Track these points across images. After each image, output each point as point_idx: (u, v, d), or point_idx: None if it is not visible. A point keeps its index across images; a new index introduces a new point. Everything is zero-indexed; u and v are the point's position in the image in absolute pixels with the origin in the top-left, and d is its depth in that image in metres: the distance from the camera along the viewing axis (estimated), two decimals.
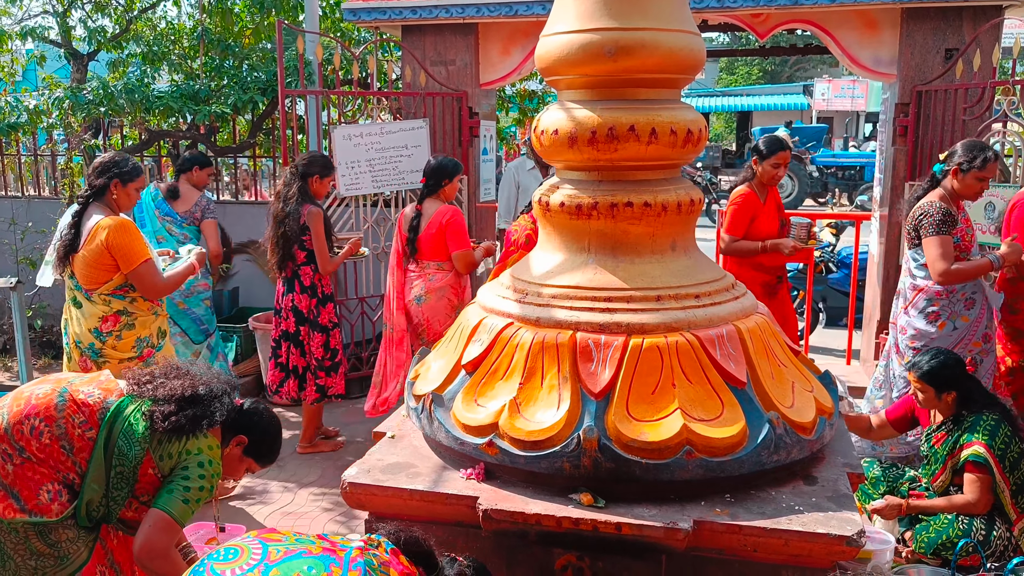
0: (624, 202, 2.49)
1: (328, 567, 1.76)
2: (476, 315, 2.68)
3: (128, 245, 3.65)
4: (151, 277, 3.74)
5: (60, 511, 2.38)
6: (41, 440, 2.37)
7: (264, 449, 2.70)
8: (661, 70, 2.49)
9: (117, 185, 3.74)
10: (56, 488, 2.39)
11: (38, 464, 2.38)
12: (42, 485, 2.38)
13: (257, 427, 2.66)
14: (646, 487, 2.24)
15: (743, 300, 2.61)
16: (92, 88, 6.09)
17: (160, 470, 2.42)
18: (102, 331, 3.73)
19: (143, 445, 2.39)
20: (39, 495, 2.37)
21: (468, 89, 6.43)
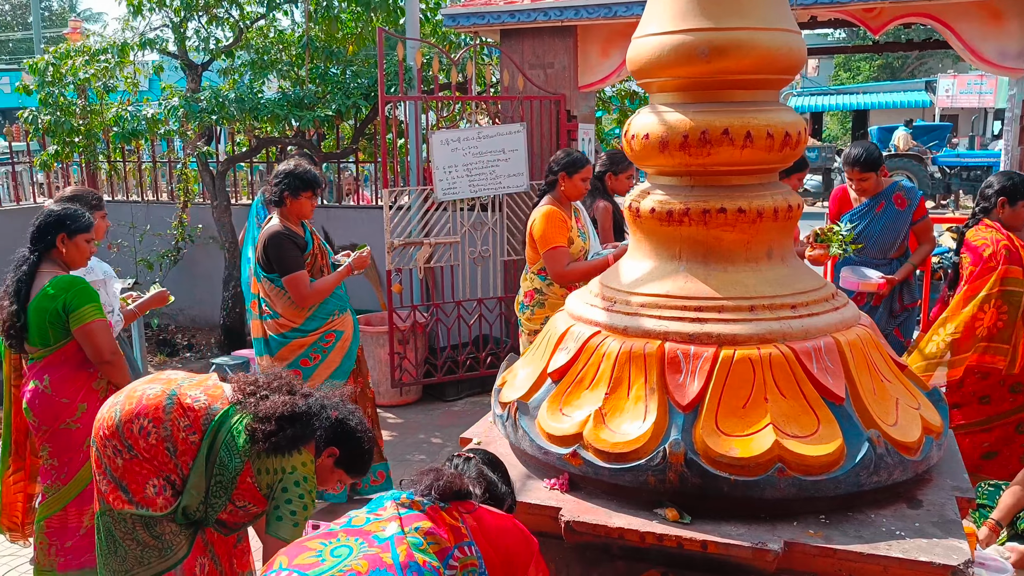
0: (717, 208, 2.41)
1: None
2: (564, 323, 2.65)
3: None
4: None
5: (165, 506, 2.49)
6: (148, 440, 2.48)
7: (355, 462, 2.70)
8: (757, 71, 2.40)
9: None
10: (161, 483, 2.50)
11: (145, 461, 2.49)
12: (148, 480, 2.50)
13: (349, 440, 2.65)
14: (735, 504, 2.16)
15: (844, 311, 2.48)
16: (205, 97, 6.36)
17: (257, 483, 2.49)
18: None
19: (243, 458, 2.46)
20: (145, 489, 2.49)
21: (566, 92, 6.40)
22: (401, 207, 6.00)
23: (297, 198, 4.10)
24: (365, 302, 7.11)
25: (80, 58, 6.92)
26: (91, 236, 3.46)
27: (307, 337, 4.18)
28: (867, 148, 4.51)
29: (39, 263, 3.33)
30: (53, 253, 3.35)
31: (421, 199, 6.01)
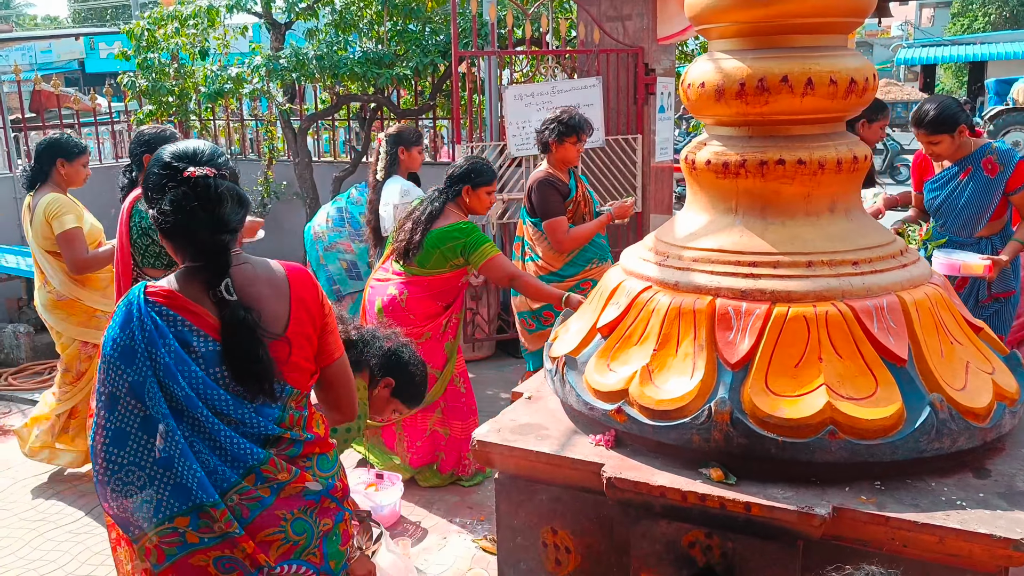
0: (775, 159, 2.30)
1: None
2: (616, 278, 2.59)
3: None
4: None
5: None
6: None
7: (411, 392, 2.82)
8: (821, 14, 2.26)
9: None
10: None
11: None
12: None
13: (404, 370, 2.78)
14: (783, 466, 2.08)
15: (912, 268, 2.34)
16: (286, 55, 6.46)
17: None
18: None
19: None
20: None
21: (644, 45, 6.22)
22: None
23: (562, 143, 4.34)
24: None
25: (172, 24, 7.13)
26: (493, 188, 4.17)
27: (564, 282, 4.38)
28: (939, 104, 3.91)
29: (446, 204, 4.03)
30: (458, 200, 4.05)
31: (496, 154, 5.99)
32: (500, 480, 2.47)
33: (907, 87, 23.71)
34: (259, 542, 1.84)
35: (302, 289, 1.99)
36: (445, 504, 4.12)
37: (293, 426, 1.95)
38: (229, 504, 1.80)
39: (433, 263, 3.97)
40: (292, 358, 1.93)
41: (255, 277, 1.94)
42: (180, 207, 1.81)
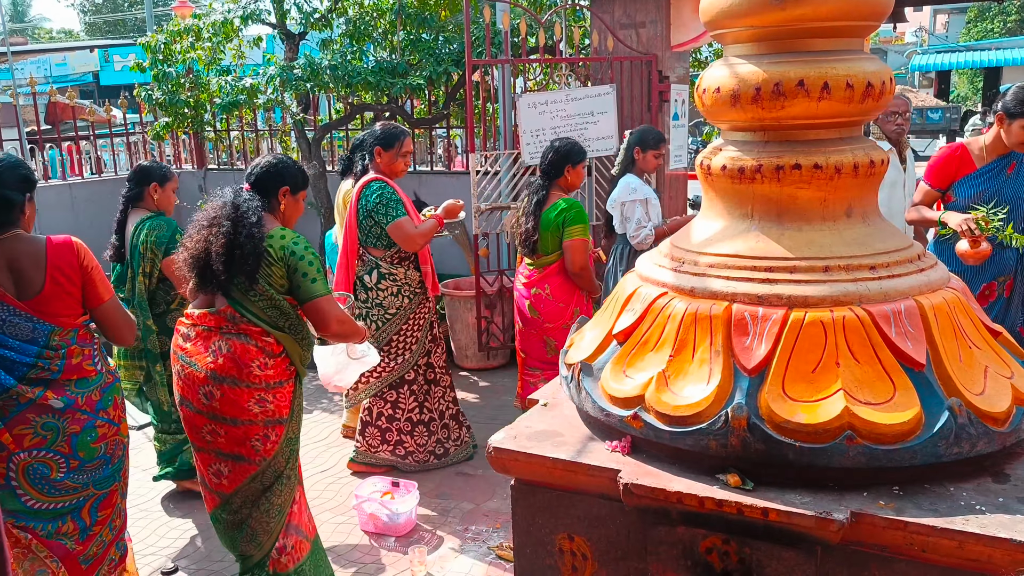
0: (791, 164, 2.30)
1: None
2: (632, 284, 2.60)
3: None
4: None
5: None
6: None
7: (300, 181, 3.33)
8: (837, 17, 2.26)
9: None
10: None
11: None
12: None
13: (282, 175, 3.25)
14: (801, 472, 2.07)
15: (930, 273, 2.33)
16: (300, 66, 6.51)
17: (288, 284, 3.11)
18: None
19: (273, 296, 3.10)
20: None
21: (658, 52, 6.24)
22: (488, 172, 6.01)
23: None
24: (456, 267, 7.19)
25: (188, 39, 7.21)
26: (585, 163, 4.71)
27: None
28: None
29: (550, 188, 4.57)
30: (559, 181, 4.59)
31: (510, 163, 6.00)
32: (516, 487, 2.47)
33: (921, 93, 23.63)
34: (14, 435, 2.85)
35: (57, 258, 2.90)
36: (461, 512, 4.12)
37: (52, 358, 2.90)
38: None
39: (554, 245, 4.38)
40: (51, 308, 2.89)
41: (19, 252, 2.86)
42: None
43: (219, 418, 3.02)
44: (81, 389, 2.96)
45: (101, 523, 3.06)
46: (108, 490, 3.07)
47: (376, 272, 4.52)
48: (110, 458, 3.05)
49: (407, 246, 4.44)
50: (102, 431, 3.00)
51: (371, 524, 4.00)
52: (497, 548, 3.70)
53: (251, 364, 3.01)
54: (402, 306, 4.53)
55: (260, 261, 3.02)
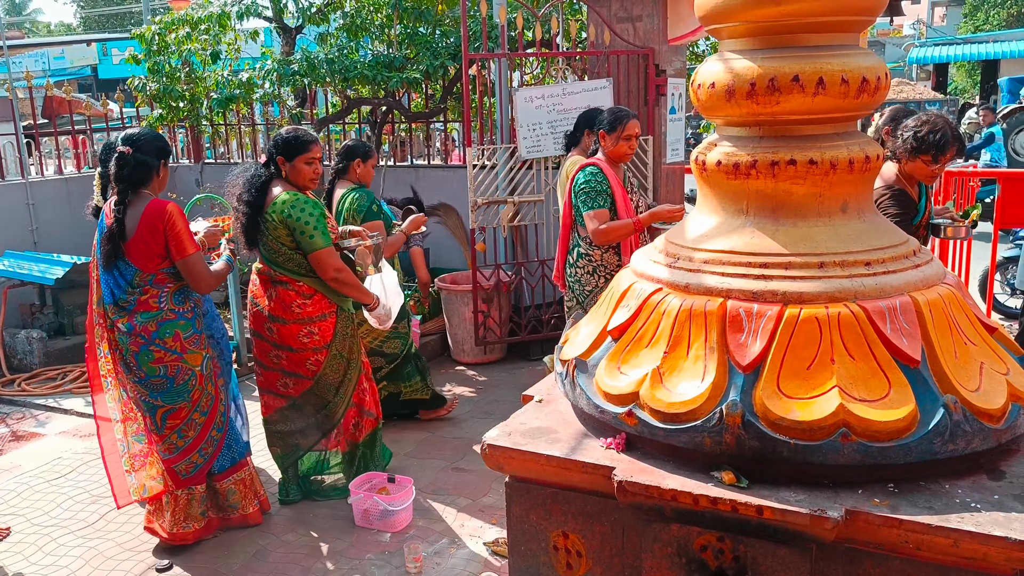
0: (786, 160, 2.28)
1: None
2: (627, 280, 2.58)
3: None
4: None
5: None
6: None
7: (293, 146, 3.93)
8: (832, 12, 2.24)
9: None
10: None
11: None
12: None
13: (275, 146, 3.96)
14: (796, 470, 2.07)
15: (925, 269, 2.32)
16: (297, 60, 6.49)
17: (293, 243, 3.86)
18: None
19: (287, 252, 3.94)
20: None
21: (655, 46, 6.21)
22: (485, 166, 5.99)
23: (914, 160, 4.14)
24: (452, 261, 7.17)
25: (183, 29, 7.17)
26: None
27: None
28: None
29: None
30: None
31: (507, 156, 5.99)
32: (511, 484, 2.46)
33: (919, 86, 23.58)
34: (111, 338, 3.84)
35: (147, 217, 3.64)
36: (456, 508, 4.12)
37: (131, 293, 3.72)
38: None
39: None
40: (135, 255, 3.67)
41: (136, 208, 3.66)
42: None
43: (280, 346, 4.02)
44: (142, 320, 3.72)
45: (170, 429, 3.84)
46: (176, 406, 3.82)
47: (576, 251, 4.54)
48: (173, 379, 3.78)
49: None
50: (158, 355, 3.74)
51: (366, 519, 3.99)
52: (493, 544, 3.70)
53: (291, 305, 3.95)
54: (597, 286, 4.53)
55: (256, 231, 3.94)
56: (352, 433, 4.30)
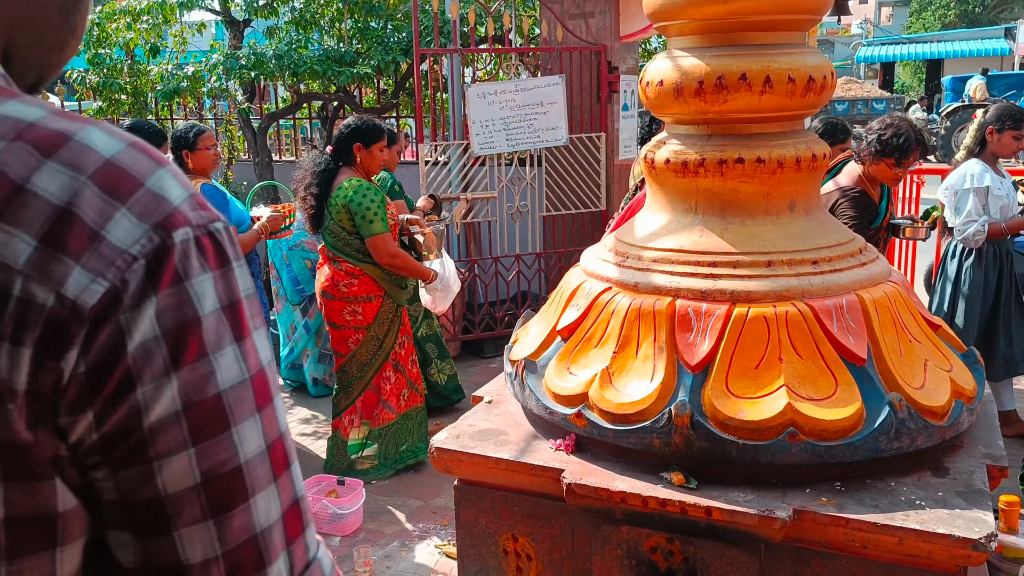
0: (734, 158, 2.27)
1: None
2: (577, 279, 2.56)
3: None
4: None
5: None
6: None
7: (371, 136, 4.07)
8: (779, 11, 2.24)
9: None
10: None
11: None
12: None
13: (353, 134, 4.03)
14: (744, 470, 2.06)
15: (871, 267, 2.34)
16: (245, 54, 6.35)
17: (353, 228, 4.03)
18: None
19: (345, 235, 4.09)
20: None
21: (607, 43, 6.21)
22: (438, 162, 5.93)
23: (878, 162, 3.94)
24: None
25: (124, 19, 6.97)
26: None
27: None
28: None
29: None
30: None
31: (460, 152, 5.93)
32: (460, 487, 2.42)
33: (867, 84, 24.04)
34: None
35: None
36: (408, 510, 4.06)
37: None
38: None
39: None
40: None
41: None
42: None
43: (327, 321, 4.28)
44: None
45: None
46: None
47: None
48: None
49: None
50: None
51: (315, 523, 3.91)
52: (444, 546, 3.66)
53: (339, 284, 4.13)
54: None
55: (321, 215, 4.11)
56: (373, 417, 4.38)
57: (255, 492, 0.66)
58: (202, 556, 0.64)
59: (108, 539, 0.63)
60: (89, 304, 0.57)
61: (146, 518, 0.62)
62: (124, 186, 0.60)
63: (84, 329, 0.57)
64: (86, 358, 0.58)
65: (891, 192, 3.96)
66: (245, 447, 0.65)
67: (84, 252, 0.57)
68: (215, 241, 0.64)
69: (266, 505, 0.67)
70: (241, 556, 0.65)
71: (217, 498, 0.64)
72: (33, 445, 0.57)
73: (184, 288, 0.61)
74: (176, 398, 0.61)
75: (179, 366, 0.61)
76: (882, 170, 3.75)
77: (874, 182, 3.82)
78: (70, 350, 0.57)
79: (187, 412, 0.61)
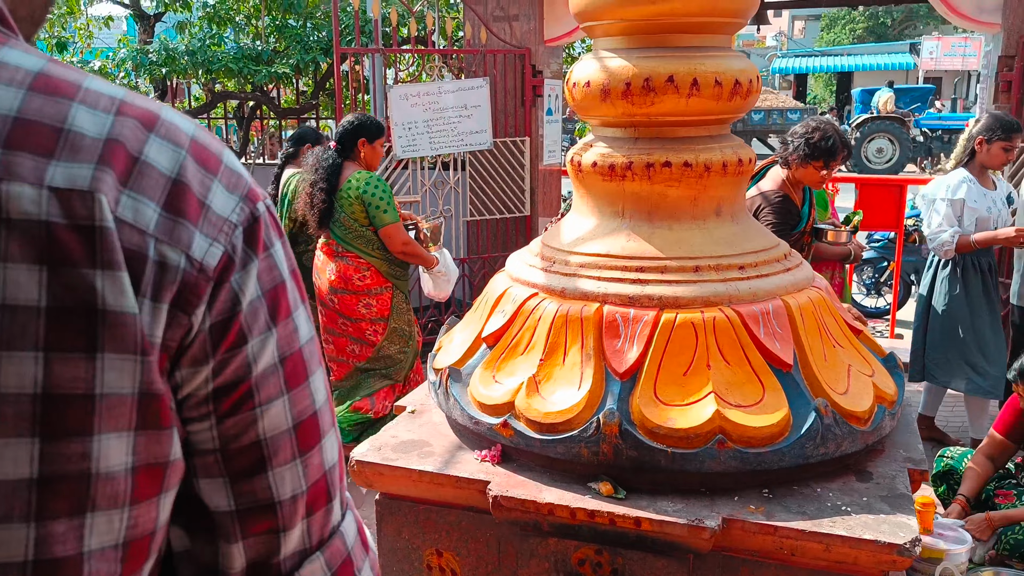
0: (661, 162, 2.24)
1: None
2: (502, 284, 2.49)
3: None
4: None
5: None
6: None
7: (375, 132, 4.16)
8: (706, 13, 2.22)
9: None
10: None
11: None
12: None
13: (358, 130, 4.11)
14: (673, 478, 2.03)
15: (796, 272, 2.34)
16: (155, 49, 6.09)
17: (366, 218, 4.06)
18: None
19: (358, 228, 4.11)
20: None
21: (531, 46, 6.18)
22: None
23: (806, 166, 3.88)
24: None
25: None
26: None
27: None
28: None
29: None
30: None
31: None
32: (381, 501, 2.32)
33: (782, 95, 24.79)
34: None
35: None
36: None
37: None
38: None
39: None
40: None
41: None
42: None
43: (343, 315, 4.22)
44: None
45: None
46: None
47: None
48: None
49: None
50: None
51: None
52: None
53: (352, 277, 4.15)
54: None
55: (330, 211, 4.08)
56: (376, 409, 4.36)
57: (324, 435, 0.75)
58: (291, 492, 0.72)
59: (197, 488, 0.70)
60: (213, 265, 0.63)
61: (246, 462, 0.70)
62: (211, 161, 0.66)
63: (210, 288, 0.63)
64: (211, 314, 0.64)
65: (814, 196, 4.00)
66: (317, 396, 0.74)
67: (199, 219, 0.63)
68: (272, 213, 0.71)
69: (331, 446, 0.76)
70: (317, 490, 0.74)
71: (303, 440, 0.72)
72: (164, 395, 0.63)
73: (271, 254, 0.68)
74: (275, 351, 0.69)
75: (276, 323, 0.69)
76: (809, 173, 3.75)
77: (797, 186, 3.84)
78: (199, 306, 0.63)
79: (282, 363, 0.70)
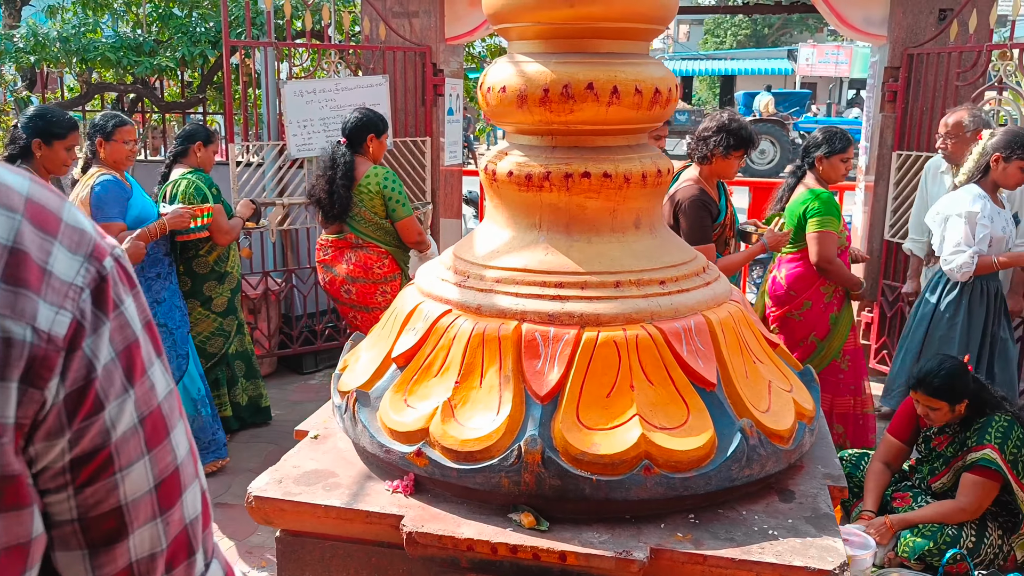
0: (580, 172, 2.15)
1: None
2: (413, 299, 2.34)
3: None
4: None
5: None
6: None
7: (382, 127, 4.28)
8: (626, 19, 2.13)
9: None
10: None
11: None
12: None
13: (366, 126, 4.21)
14: (598, 506, 1.93)
15: (715, 286, 2.28)
16: (23, 35, 5.61)
17: (385, 211, 4.19)
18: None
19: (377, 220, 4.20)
20: None
21: (432, 44, 6.01)
22: (251, 164, 5.50)
23: (728, 157, 3.80)
24: None
25: None
26: (848, 156, 4.06)
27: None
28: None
29: (802, 177, 4.19)
30: (813, 171, 4.11)
31: (275, 154, 5.53)
32: (282, 539, 2.13)
33: None
34: None
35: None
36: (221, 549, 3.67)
37: None
38: None
39: (798, 235, 3.98)
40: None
41: None
42: None
43: (358, 306, 4.30)
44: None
45: None
46: None
47: None
48: None
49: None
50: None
51: None
52: None
53: (373, 266, 4.26)
54: None
55: (349, 204, 4.16)
56: None
57: (186, 487, 0.74)
58: (150, 551, 0.71)
59: (54, 560, 0.67)
60: (62, 334, 0.61)
61: (106, 529, 0.68)
62: (50, 221, 0.62)
63: (61, 358, 0.61)
64: (64, 384, 0.62)
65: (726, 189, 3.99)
66: (179, 450, 0.73)
67: (42, 287, 0.60)
68: (123, 266, 0.68)
69: (193, 498, 0.75)
70: (177, 545, 0.73)
71: (164, 498, 0.71)
72: (21, 475, 0.60)
73: (121, 312, 0.66)
74: (134, 413, 0.68)
75: (132, 384, 0.67)
76: (731, 164, 3.70)
77: (710, 180, 3.80)
78: (52, 379, 0.61)
79: (142, 424, 0.69)
